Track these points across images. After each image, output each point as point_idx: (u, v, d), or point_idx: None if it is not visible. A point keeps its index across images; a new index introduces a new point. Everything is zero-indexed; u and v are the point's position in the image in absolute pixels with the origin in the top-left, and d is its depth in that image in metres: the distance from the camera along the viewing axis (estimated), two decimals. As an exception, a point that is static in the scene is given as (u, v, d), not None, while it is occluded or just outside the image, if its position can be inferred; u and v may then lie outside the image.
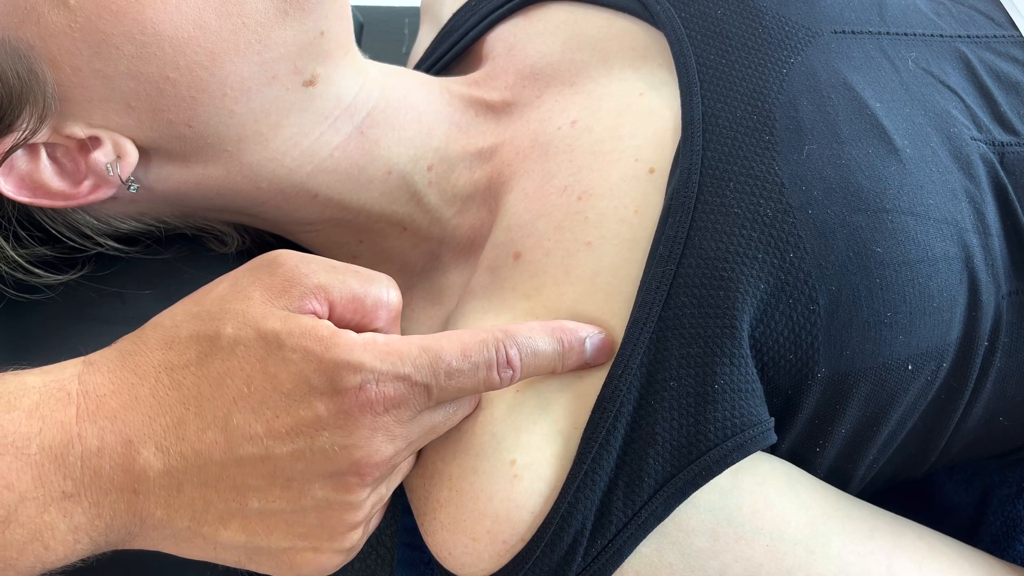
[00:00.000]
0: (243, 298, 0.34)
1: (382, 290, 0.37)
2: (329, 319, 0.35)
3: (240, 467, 0.34)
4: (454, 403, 0.38)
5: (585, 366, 0.39)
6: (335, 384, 0.33)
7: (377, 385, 0.33)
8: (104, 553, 0.35)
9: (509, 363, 0.36)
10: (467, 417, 0.40)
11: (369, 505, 0.36)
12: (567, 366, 0.39)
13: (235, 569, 0.38)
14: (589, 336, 0.39)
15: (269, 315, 0.34)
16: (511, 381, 0.37)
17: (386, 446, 0.34)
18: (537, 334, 0.37)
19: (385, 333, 0.37)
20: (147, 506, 0.34)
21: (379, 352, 0.33)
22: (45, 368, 0.35)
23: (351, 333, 0.34)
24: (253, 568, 0.36)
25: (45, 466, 0.33)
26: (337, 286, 0.35)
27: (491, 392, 0.40)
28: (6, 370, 0.35)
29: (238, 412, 0.33)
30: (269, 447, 0.33)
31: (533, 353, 0.37)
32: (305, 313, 0.34)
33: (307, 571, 0.36)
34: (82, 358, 0.36)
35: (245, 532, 0.35)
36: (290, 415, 0.33)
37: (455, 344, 0.35)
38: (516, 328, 0.37)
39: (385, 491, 0.37)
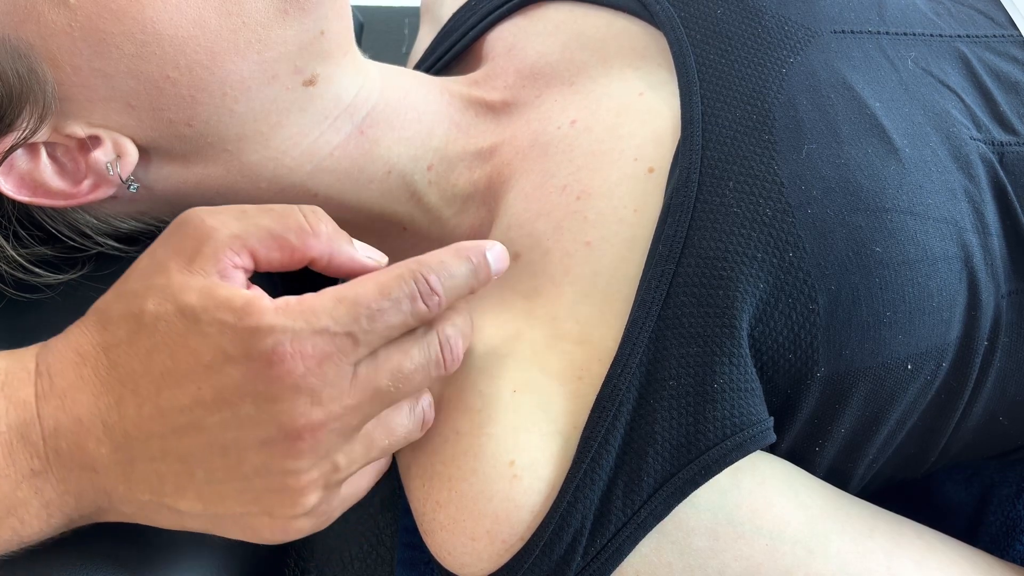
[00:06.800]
0: (160, 271, 0.35)
1: (300, 219, 0.36)
2: (256, 268, 0.36)
3: (179, 439, 0.34)
4: (416, 401, 0.38)
5: (490, 279, 0.38)
6: (249, 351, 0.33)
7: (291, 344, 0.32)
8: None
9: (433, 290, 0.35)
10: (465, 419, 0.40)
11: (317, 473, 0.34)
12: (481, 281, 0.38)
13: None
14: (489, 248, 0.38)
15: (187, 287, 0.34)
16: (439, 307, 0.36)
17: (313, 409, 0.33)
18: (447, 257, 0.37)
19: (328, 260, 0.36)
20: (108, 482, 0.35)
21: (292, 312, 0.33)
22: (11, 351, 0.36)
23: (265, 299, 0.33)
24: (221, 534, 0.36)
25: (14, 444, 0.34)
26: (251, 231, 0.35)
27: (490, 393, 0.40)
28: None
29: (167, 386, 0.34)
30: (200, 417, 0.34)
31: (450, 275, 0.36)
32: (226, 271, 0.34)
33: (269, 535, 0.36)
34: (42, 343, 0.37)
35: (201, 500, 0.35)
36: (211, 385, 0.33)
37: (370, 286, 0.34)
38: (425, 257, 0.36)
39: (344, 461, 0.35)
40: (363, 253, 0.38)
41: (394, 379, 0.35)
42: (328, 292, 0.34)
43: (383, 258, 0.39)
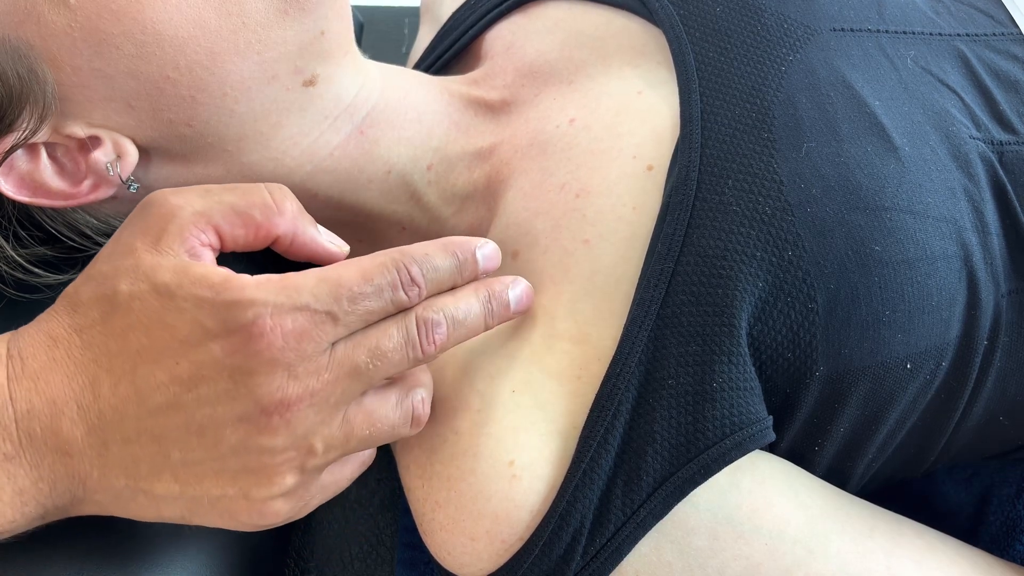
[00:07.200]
0: (127, 252, 0.35)
1: (264, 195, 0.36)
2: (222, 247, 0.36)
3: (155, 418, 0.34)
4: (406, 394, 0.37)
5: (477, 276, 0.39)
6: (228, 324, 0.33)
7: (271, 318, 0.32)
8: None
9: (413, 281, 0.35)
10: (464, 419, 0.40)
11: (293, 453, 0.34)
12: (465, 278, 0.38)
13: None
14: (479, 247, 0.38)
15: (159, 267, 0.34)
16: (418, 298, 0.36)
17: (290, 384, 0.33)
18: (432, 250, 0.37)
19: (291, 239, 0.37)
20: (82, 467, 0.35)
21: (273, 287, 0.33)
22: None
23: (245, 276, 0.33)
24: (198, 522, 0.36)
25: None
26: (215, 207, 0.35)
27: (488, 393, 0.40)
28: None
29: (143, 363, 0.34)
30: (176, 394, 0.33)
31: (433, 268, 0.36)
32: (194, 250, 0.34)
33: (246, 519, 0.35)
34: (11, 331, 0.36)
35: (177, 482, 0.35)
36: (188, 360, 0.33)
37: (354, 270, 0.34)
38: (411, 248, 0.36)
39: (321, 445, 0.35)
40: (326, 238, 0.39)
41: (372, 356, 0.35)
42: (310, 272, 0.34)
43: (345, 246, 0.39)
